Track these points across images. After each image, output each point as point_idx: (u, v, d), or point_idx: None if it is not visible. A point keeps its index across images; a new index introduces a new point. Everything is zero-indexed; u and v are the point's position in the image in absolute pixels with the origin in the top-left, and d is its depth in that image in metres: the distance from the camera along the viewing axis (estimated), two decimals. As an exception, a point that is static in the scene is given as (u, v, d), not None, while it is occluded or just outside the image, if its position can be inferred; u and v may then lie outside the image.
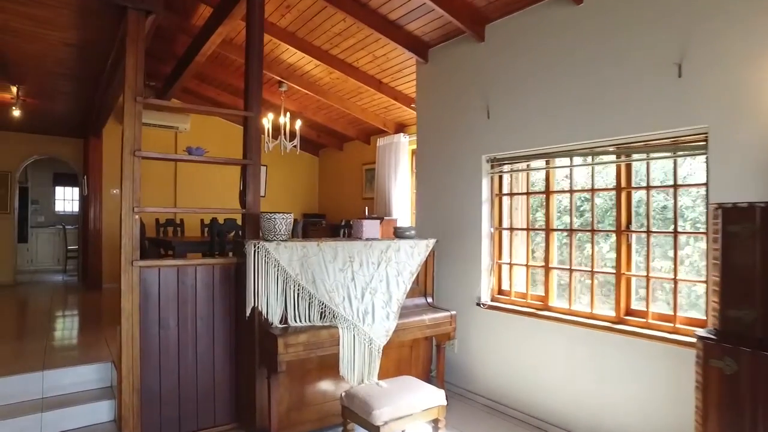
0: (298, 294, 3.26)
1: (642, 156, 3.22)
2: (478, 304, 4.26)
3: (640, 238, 3.31)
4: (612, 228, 3.45)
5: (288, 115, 6.51)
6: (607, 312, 3.43)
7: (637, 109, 3.12)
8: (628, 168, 3.35)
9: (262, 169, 9.45)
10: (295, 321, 3.24)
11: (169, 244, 5.39)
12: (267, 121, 6.37)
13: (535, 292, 4.02)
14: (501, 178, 4.30)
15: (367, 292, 3.51)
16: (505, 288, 4.28)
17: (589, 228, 3.59)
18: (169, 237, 6.79)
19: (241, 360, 3.49)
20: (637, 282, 3.33)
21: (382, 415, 2.73)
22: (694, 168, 3.18)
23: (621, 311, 3.33)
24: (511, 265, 4.20)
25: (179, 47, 6.29)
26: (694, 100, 2.86)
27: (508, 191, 4.28)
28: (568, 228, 3.74)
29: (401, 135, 7.22)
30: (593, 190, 3.56)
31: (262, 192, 9.65)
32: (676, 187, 3.10)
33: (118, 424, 3.32)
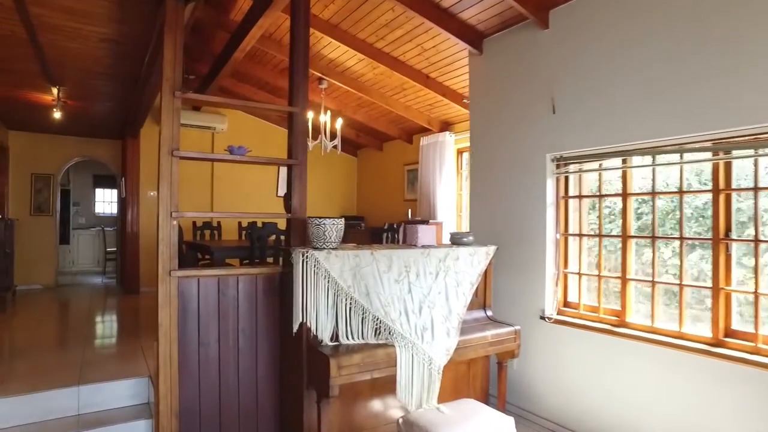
0: (350, 308, 2.93)
1: (748, 152, 2.77)
2: (541, 318, 3.86)
3: (738, 246, 2.86)
4: (700, 235, 3.01)
5: (328, 113, 6.22)
6: (701, 332, 2.99)
7: (748, 98, 2.67)
8: (728, 167, 2.90)
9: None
10: (348, 338, 2.91)
11: (207, 248, 5.16)
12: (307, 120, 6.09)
13: (608, 305, 3.59)
14: (567, 179, 3.89)
15: (425, 306, 3.16)
16: (570, 300, 3.88)
17: (676, 236, 3.16)
18: (206, 240, 6.60)
19: (287, 379, 3.18)
20: (736, 298, 2.89)
21: (450, 451, 2.38)
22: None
23: (719, 332, 2.88)
24: (579, 274, 3.79)
25: (216, 45, 6.07)
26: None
27: (576, 193, 3.86)
28: (650, 234, 3.30)
29: (446, 133, 6.85)
30: (681, 193, 3.12)
31: (299, 194, 9.45)
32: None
33: (156, 447, 3.07)
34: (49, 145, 8.81)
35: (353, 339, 2.93)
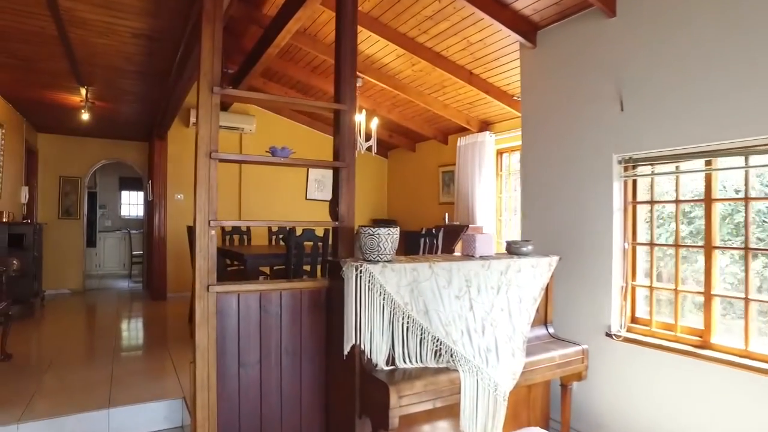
0: (407, 328, 2.62)
1: None
2: (607, 335, 3.50)
3: None
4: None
5: (363, 112, 5.93)
6: (809, 358, 2.61)
7: None
8: (843, 168, 2.52)
9: (329, 173, 8.95)
10: (405, 362, 2.60)
11: (239, 255, 4.88)
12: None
13: (685, 323, 3.22)
14: (635, 182, 3.53)
15: (487, 325, 2.83)
16: (638, 315, 3.51)
17: (775, 246, 2.78)
18: (235, 246, 6.35)
19: (335, 406, 2.88)
20: None
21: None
22: None
23: (835, 360, 2.50)
24: (651, 288, 3.42)
25: (248, 42, 5.84)
26: None
27: (645, 198, 3.50)
28: (742, 246, 2.93)
29: (486, 133, 6.50)
30: (781, 198, 2.74)
31: (328, 196, 9.18)
32: None
33: (191, 477, 2.80)
34: (77, 147, 8.73)
35: (411, 362, 2.61)
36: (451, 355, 2.65)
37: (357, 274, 2.51)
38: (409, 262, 2.71)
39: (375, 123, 5.90)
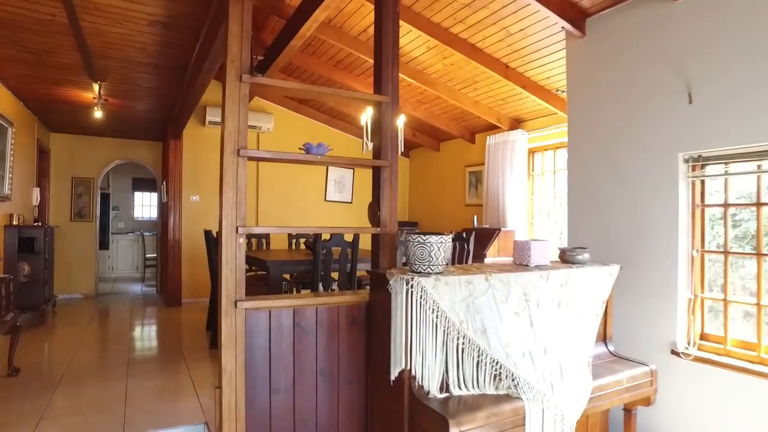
0: (463, 349, 2.29)
1: None
2: (673, 353, 3.14)
3: None
4: None
5: (389, 110, 5.59)
6: None
7: None
8: None
9: (348, 173, 8.64)
10: (460, 388, 2.27)
11: (261, 261, 4.56)
12: (365, 116, 5.49)
13: (766, 341, 2.86)
14: (704, 183, 3.17)
15: (549, 344, 2.49)
16: (707, 332, 3.15)
17: None
18: (254, 251, 6.04)
19: (377, 435, 2.56)
20: None
21: None
22: None
23: None
24: (725, 301, 3.06)
25: (268, 35, 5.54)
26: None
27: (717, 201, 3.14)
28: (841, 255, 2.56)
29: (518, 131, 6.14)
30: None
31: (348, 198, 8.86)
32: None
33: None
34: (90, 147, 8.50)
35: (467, 389, 2.28)
36: (512, 380, 2.32)
37: (408, 289, 2.18)
38: (463, 274, 2.37)
39: (402, 121, 5.56)
